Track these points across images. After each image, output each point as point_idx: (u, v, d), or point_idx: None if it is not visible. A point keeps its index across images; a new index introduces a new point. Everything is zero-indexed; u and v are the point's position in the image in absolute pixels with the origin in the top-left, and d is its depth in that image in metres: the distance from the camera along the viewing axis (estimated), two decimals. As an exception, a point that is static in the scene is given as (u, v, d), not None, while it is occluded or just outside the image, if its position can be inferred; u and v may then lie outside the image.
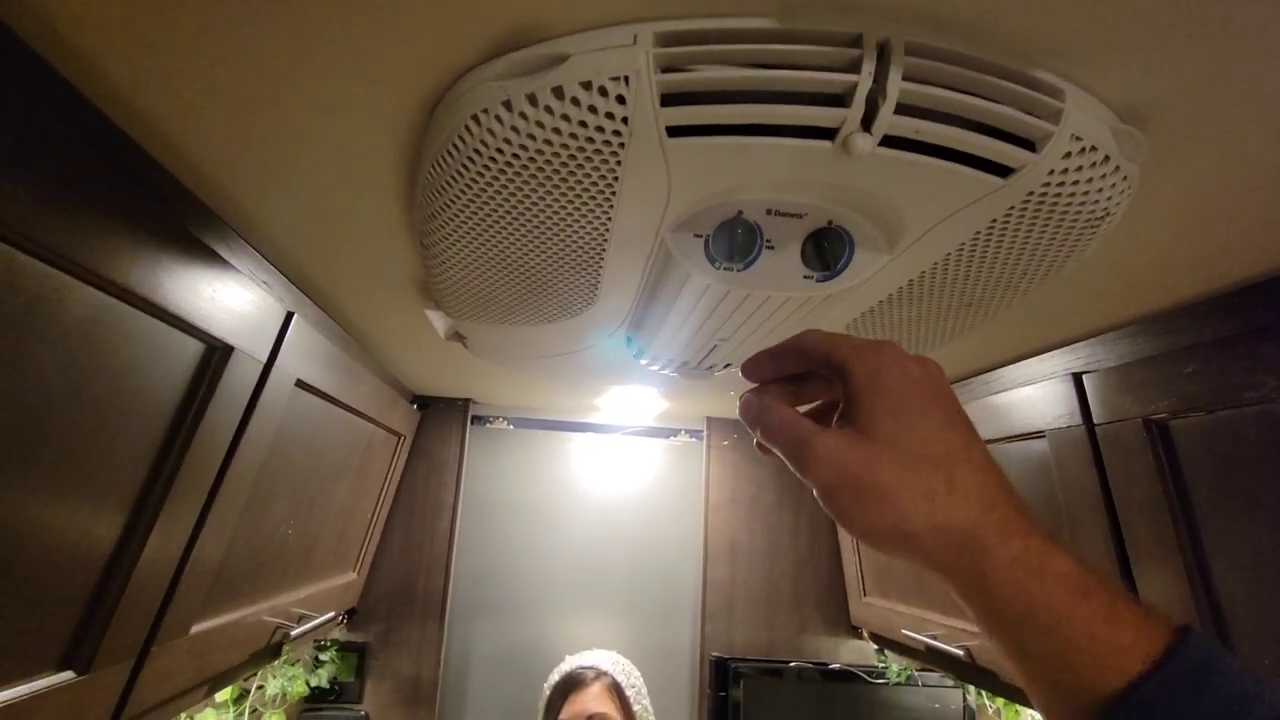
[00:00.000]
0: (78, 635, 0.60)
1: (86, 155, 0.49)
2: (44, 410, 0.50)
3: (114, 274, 0.52)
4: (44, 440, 0.51)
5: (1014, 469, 1.06)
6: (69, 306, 0.50)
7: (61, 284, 0.49)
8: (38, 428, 0.50)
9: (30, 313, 0.47)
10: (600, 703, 1.30)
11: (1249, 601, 0.71)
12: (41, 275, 0.47)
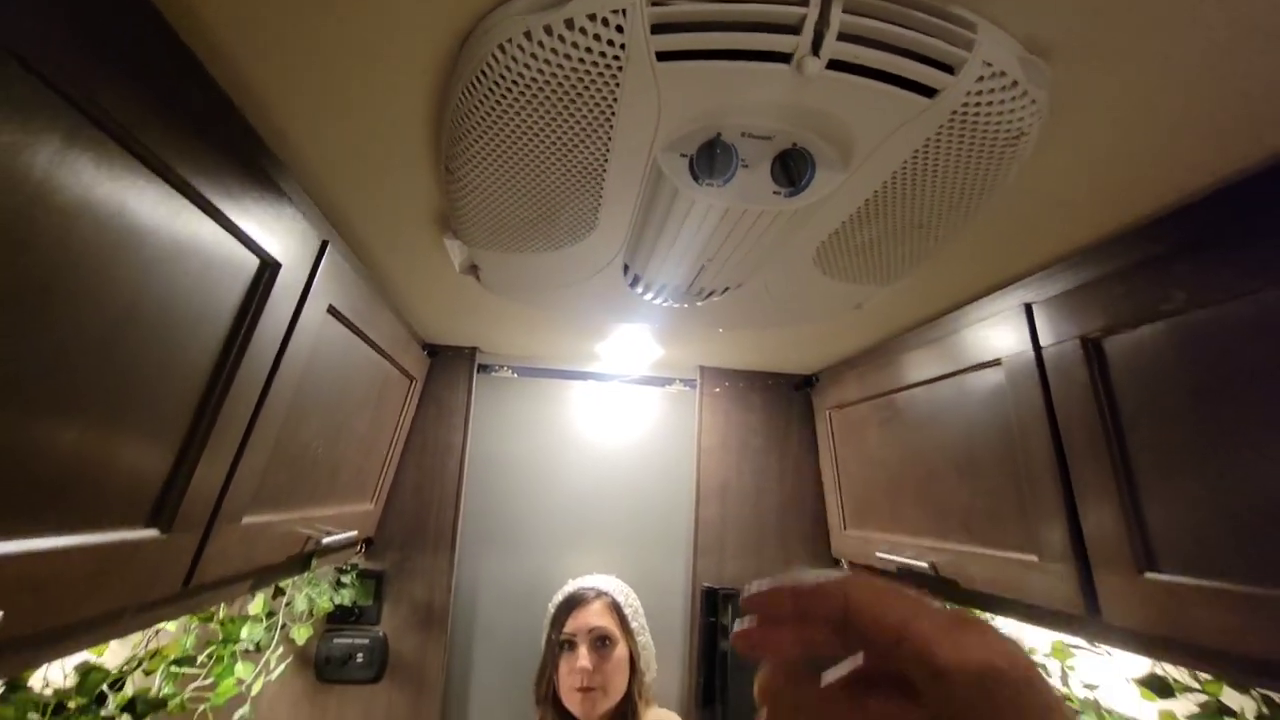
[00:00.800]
0: (159, 502, 0.71)
1: (180, 84, 0.58)
2: (137, 308, 0.60)
3: (194, 180, 0.61)
4: (138, 331, 0.61)
5: (975, 397, 1.17)
6: (155, 207, 0.60)
7: (153, 187, 0.59)
8: (133, 322, 0.60)
9: (124, 213, 0.57)
10: (600, 618, 1.42)
11: (1168, 507, 0.82)
12: (139, 178, 0.57)
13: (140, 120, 0.54)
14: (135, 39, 0.54)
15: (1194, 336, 0.77)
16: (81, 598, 0.60)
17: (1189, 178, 0.72)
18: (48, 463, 0.55)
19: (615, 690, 1.36)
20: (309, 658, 1.62)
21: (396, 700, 1.65)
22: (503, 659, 1.73)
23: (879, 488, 1.55)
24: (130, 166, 0.56)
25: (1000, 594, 1.11)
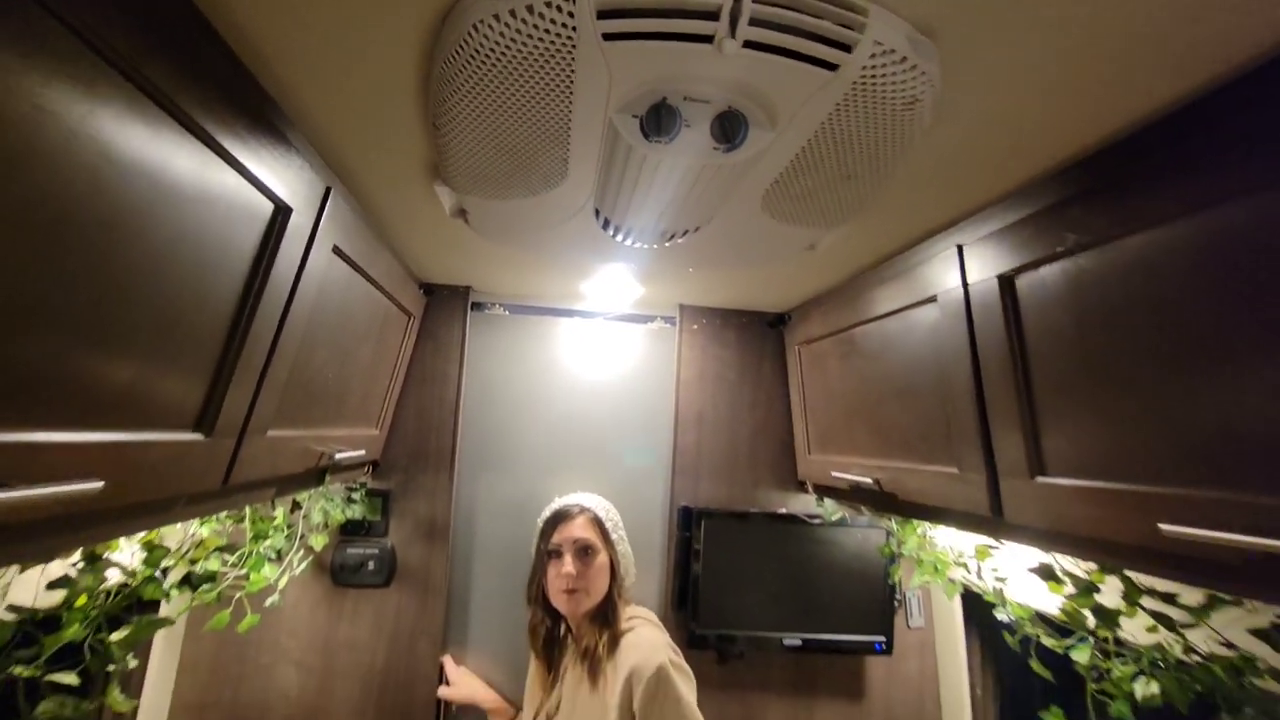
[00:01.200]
0: (201, 412, 0.85)
1: (202, 48, 0.68)
2: (175, 248, 0.72)
3: (218, 135, 0.72)
4: (178, 269, 0.73)
5: (916, 331, 1.30)
6: (188, 160, 0.71)
7: (187, 143, 0.70)
8: (173, 260, 0.72)
9: (166, 166, 0.68)
10: (584, 530, 1.59)
11: (1056, 423, 0.96)
12: (177, 135, 0.68)
13: (176, 87, 0.65)
14: (162, 11, 0.63)
15: (1080, 276, 0.89)
16: (149, 484, 0.74)
17: (1077, 135, 0.83)
18: (120, 373, 0.68)
19: (597, 592, 1.54)
20: (326, 565, 1.81)
21: (405, 602, 1.85)
22: (498, 566, 1.93)
23: (838, 415, 1.70)
24: (170, 126, 0.66)
25: (929, 503, 1.27)
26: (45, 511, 0.59)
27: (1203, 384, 0.72)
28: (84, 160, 0.57)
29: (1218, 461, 0.71)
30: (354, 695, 1.80)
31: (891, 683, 1.99)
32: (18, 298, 0.53)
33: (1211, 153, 0.70)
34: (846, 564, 1.90)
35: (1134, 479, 0.81)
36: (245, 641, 1.75)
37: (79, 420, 0.63)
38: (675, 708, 1.31)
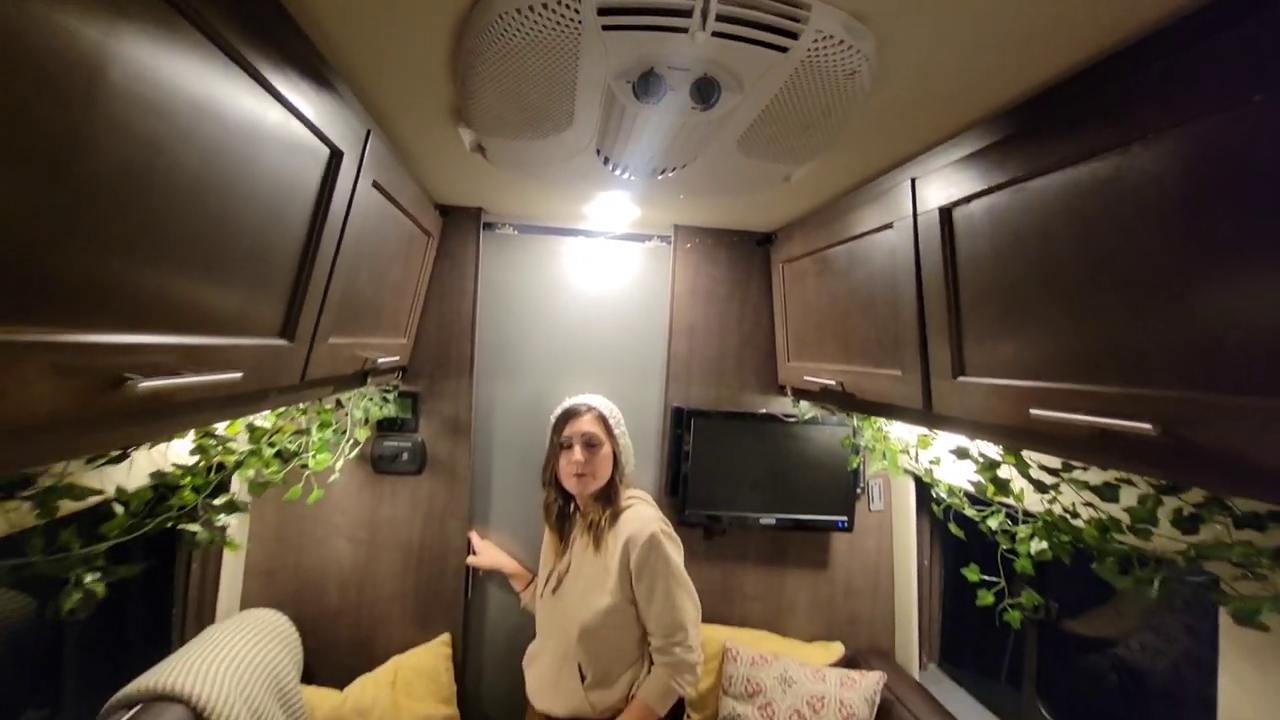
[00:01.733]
0: (284, 323, 1.07)
1: (263, 9, 0.84)
2: (257, 188, 0.91)
3: (275, 81, 0.86)
4: (262, 208, 0.92)
5: (876, 253, 1.49)
6: (264, 112, 0.87)
7: (264, 99, 0.86)
8: (256, 200, 0.91)
9: (250, 121, 0.85)
10: (591, 425, 1.82)
11: (974, 331, 1.17)
12: (257, 92, 0.85)
13: (247, 42, 0.79)
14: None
15: (996, 212, 1.07)
16: (261, 376, 0.97)
17: (1003, 89, 0.98)
18: (234, 297, 0.89)
19: (602, 476, 1.79)
20: (367, 456, 2.09)
21: (435, 487, 2.15)
22: (514, 458, 2.22)
23: (812, 327, 1.92)
24: (249, 85, 0.82)
25: (879, 400, 1.51)
26: (205, 393, 0.82)
27: (1071, 307, 0.93)
28: (192, 123, 0.75)
29: (1073, 364, 0.93)
30: (396, 563, 2.14)
31: (852, 555, 2.33)
32: (184, 251, 0.73)
33: (1104, 111, 0.87)
34: (817, 456, 2.18)
35: (1018, 377, 1.04)
36: (304, 518, 2.07)
37: (222, 330, 0.84)
38: (665, 566, 1.61)
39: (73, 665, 1.62)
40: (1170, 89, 0.76)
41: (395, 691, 1.97)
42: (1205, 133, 0.72)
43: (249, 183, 0.86)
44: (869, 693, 1.98)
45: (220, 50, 0.73)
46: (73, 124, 0.55)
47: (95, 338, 0.62)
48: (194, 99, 0.71)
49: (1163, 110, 0.76)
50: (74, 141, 0.56)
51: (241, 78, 0.79)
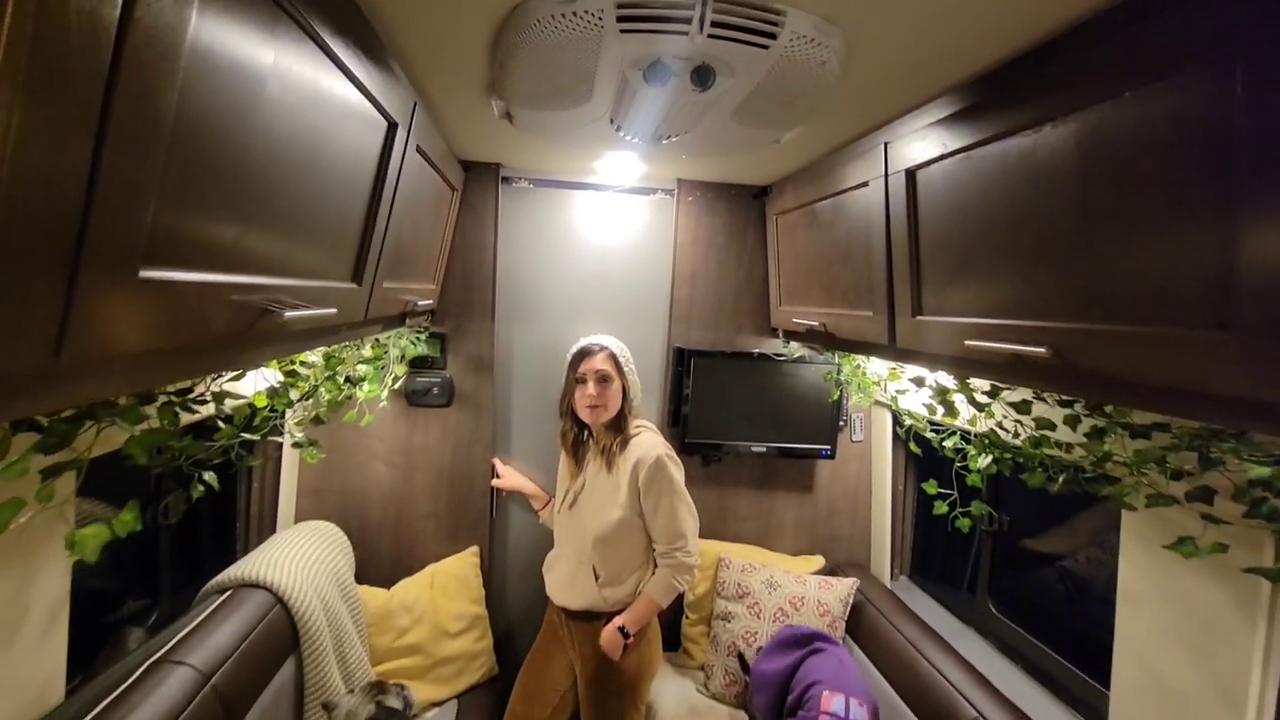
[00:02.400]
0: (354, 269, 1.28)
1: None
2: (334, 159, 1.10)
3: (344, 58, 1.03)
4: (335, 175, 1.12)
5: (855, 209, 1.68)
6: (333, 86, 1.07)
7: (336, 77, 1.06)
8: (330, 169, 1.11)
9: (321, 94, 1.05)
10: (603, 363, 2.04)
11: (931, 278, 1.38)
12: (328, 68, 1.04)
13: (320, 20, 0.98)
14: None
15: (948, 176, 1.27)
16: (345, 313, 1.20)
17: (952, 70, 1.17)
18: (322, 247, 1.10)
19: (612, 408, 2.02)
20: (402, 391, 2.34)
21: (463, 418, 2.41)
22: (531, 392, 2.47)
23: (801, 274, 2.13)
24: (321, 60, 1.01)
25: (854, 338, 1.73)
26: (312, 324, 1.04)
27: (1000, 258, 1.14)
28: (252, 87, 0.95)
29: (999, 304, 1.15)
30: (429, 485, 2.42)
31: (834, 480, 2.60)
32: (294, 215, 0.94)
33: (1027, 95, 1.05)
34: (804, 391, 2.42)
35: (959, 315, 1.26)
36: (348, 445, 2.33)
37: (318, 275, 1.07)
38: (669, 484, 1.88)
39: (167, 564, 1.91)
40: (1072, 81, 0.95)
41: (433, 592, 2.28)
42: (1095, 119, 0.91)
43: (333, 157, 1.06)
44: (843, 595, 2.28)
45: (297, 25, 0.88)
46: (233, 125, 0.76)
47: (249, 279, 0.84)
48: (285, 78, 0.90)
49: (1066, 98, 0.95)
50: (224, 141, 0.76)
51: (316, 54, 0.93)
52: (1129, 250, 0.88)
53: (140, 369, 0.68)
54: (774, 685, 1.87)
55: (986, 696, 1.69)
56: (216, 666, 1.43)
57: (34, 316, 0.49)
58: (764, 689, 1.88)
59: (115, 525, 0.87)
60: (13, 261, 0.46)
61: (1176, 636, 1.30)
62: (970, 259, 1.23)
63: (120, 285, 0.58)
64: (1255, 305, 0.70)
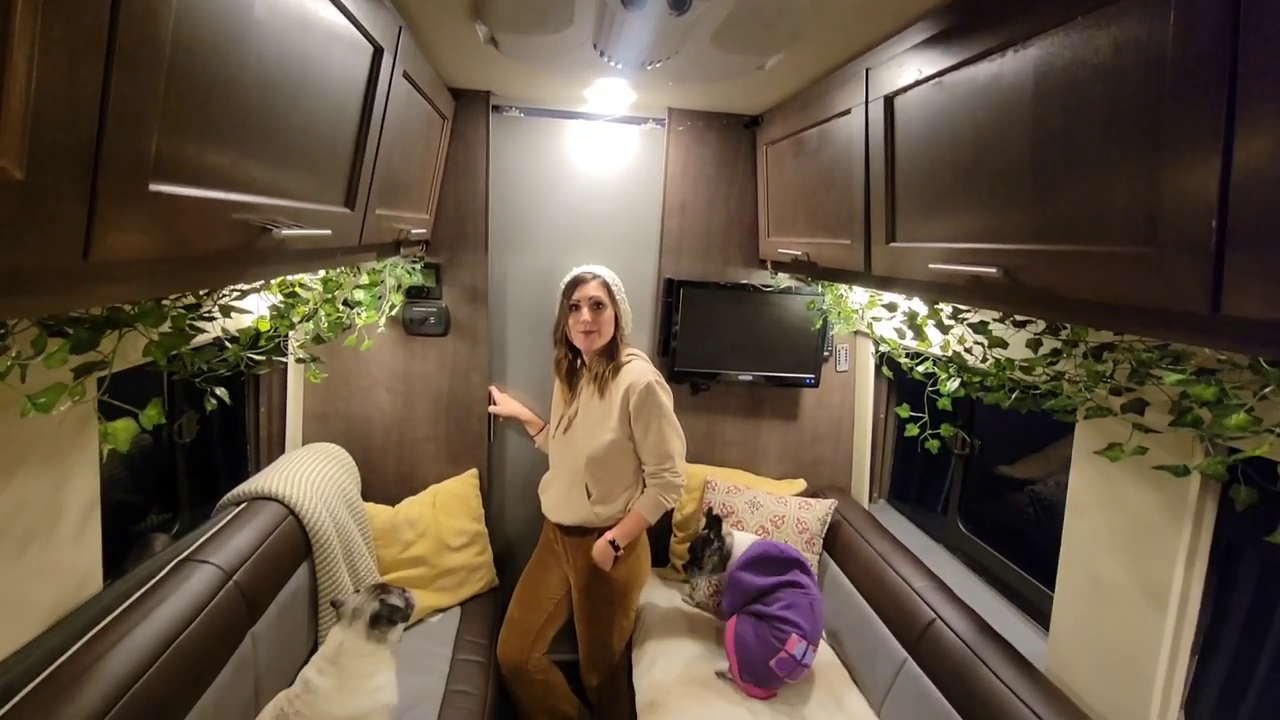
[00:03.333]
0: (346, 193, 1.33)
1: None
2: (322, 83, 1.14)
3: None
4: (325, 100, 1.16)
5: (838, 137, 1.70)
6: (318, 9, 1.10)
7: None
8: (320, 93, 1.14)
9: (306, 18, 1.08)
10: (597, 291, 2.08)
11: (904, 207, 1.42)
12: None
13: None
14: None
15: (924, 101, 1.30)
16: (338, 236, 1.26)
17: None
18: (316, 170, 1.15)
19: (605, 335, 2.08)
20: (400, 319, 2.41)
21: (459, 347, 2.49)
22: (525, 322, 2.55)
23: (788, 204, 2.16)
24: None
25: (834, 267, 1.79)
26: (308, 245, 1.11)
27: (963, 183, 1.18)
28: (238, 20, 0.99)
29: (959, 228, 1.20)
30: (429, 411, 2.53)
31: (819, 408, 2.71)
32: (287, 138, 0.99)
33: (995, 18, 1.07)
34: (790, 322, 2.50)
35: (924, 241, 1.32)
36: (350, 371, 2.43)
37: (312, 198, 1.12)
38: (658, 409, 1.97)
39: (185, 480, 2.04)
40: (1036, 2, 0.97)
41: (436, 510, 2.43)
42: (1051, 44, 0.94)
43: (322, 82, 1.10)
44: (822, 514, 2.42)
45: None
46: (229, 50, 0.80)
47: (248, 198, 0.90)
48: (271, 2, 0.94)
49: (1029, 22, 0.98)
50: (217, 65, 0.81)
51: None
52: (1073, 176, 0.93)
53: (155, 277, 0.75)
54: (747, 595, 2.02)
55: (945, 601, 1.84)
56: (237, 566, 1.57)
57: (64, 220, 0.56)
58: (737, 594, 2.03)
59: (142, 419, 0.96)
60: (44, 170, 0.52)
61: (1113, 541, 1.42)
62: (938, 186, 1.28)
63: (134, 196, 0.64)
64: (1176, 225, 0.76)
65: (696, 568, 2.12)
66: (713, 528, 2.12)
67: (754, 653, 1.91)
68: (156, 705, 1.20)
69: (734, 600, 2.03)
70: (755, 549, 2.08)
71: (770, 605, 1.98)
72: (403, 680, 1.67)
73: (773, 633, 1.92)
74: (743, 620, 1.99)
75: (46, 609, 1.22)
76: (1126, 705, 1.38)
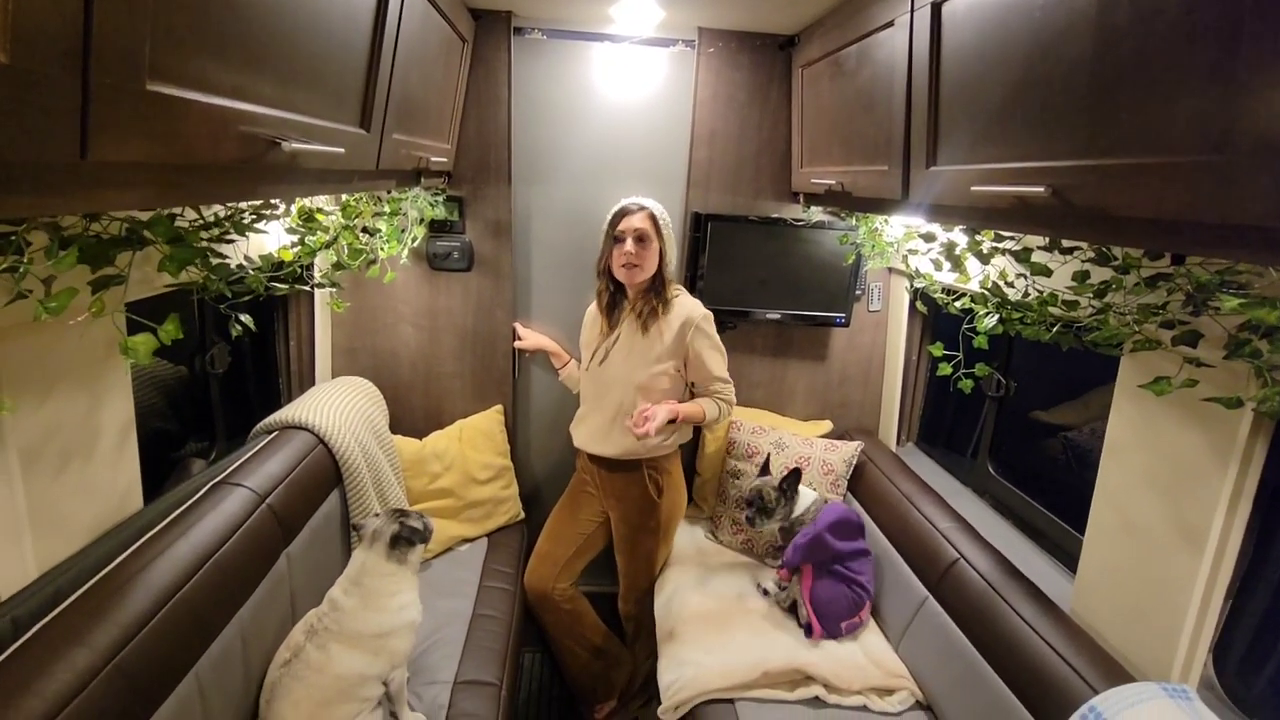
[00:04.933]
0: (361, 114, 1.29)
1: None
2: (336, 13, 1.08)
3: None
4: (340, 23, 1.10)
5: (880, 54, 1.59)
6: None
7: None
8: (336, 21, 1.09)
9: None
10: (642, 223, 1.99)
11: (947, 127, 1.32)
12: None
13: None
14: None
15: (973, 10, 1.18)
16: (354, 157, 1.22)
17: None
18: (329, 87, 1.11)
19: (649, 269, 2.01)
20: (423, 255, 2.40)
21: (483, 283, 2.48)
22: (550, 257, 2.52)
23: (823, 131, 2.05)
24: None
25: (870, 196, 1.71)
26: (322, 163, 1.08)
27: (1015, 102, 1.09)
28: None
29: (1006, 149, 1.11)
30: (454, 346, 2.54)
31: (849, 348, 2.65)
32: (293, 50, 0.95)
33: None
34: (822, 258, 2.41)
35: (964, 163, 1.23)
36: (376, 307, 2.44)
37: (326, 116, 1.09)
38: (713, 339, 1.99)
39: (219, 410, 2.10)
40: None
41: (462, 444, 2.47)
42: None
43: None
44: (848, 456, 2.40)
45: None
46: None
47: (254, 108, 0.87)
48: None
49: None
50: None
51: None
52: (1137, 84, 0.84)
53: (161, 185, 0.74)
54: (827, 555, 2.01)
55: (970, 541, 1.82)
56: (270, 489, 1.62)
57: (56, 113, 0.54)
58: (815, 552, 2.01)
59: (160, 333, 0.97)
60: (30, 55, 0.50)
61: (1152, 481, 1.37)
62: (985, 102, 1.18)
63: (130, 94, 0.62)
64: (1254, 132, 0.69)
65: (765, 516, 2.12)
66: (791, 482, 2.11)
67: (830, 607, 1.97)
68: (198, 613, 1.26)
69: (807, 556, 2.02)
70: (835, 513, 2.06)
71: (847, 569, 2.02)
72: (432, 603, 1.74)
73: (851, 594, 1.99)
74: (821, 576, 2.01)
75: (88, 524, 1.28)
76: (1153, 647, 1.36)
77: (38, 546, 1.15)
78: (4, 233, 0.82)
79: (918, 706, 1.78)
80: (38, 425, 1.10)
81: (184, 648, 1.22)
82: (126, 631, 1.11)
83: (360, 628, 1.47)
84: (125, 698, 1.07)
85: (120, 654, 1.08)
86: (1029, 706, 1.41)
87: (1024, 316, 1.57)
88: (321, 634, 1.46)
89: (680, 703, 1.79)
